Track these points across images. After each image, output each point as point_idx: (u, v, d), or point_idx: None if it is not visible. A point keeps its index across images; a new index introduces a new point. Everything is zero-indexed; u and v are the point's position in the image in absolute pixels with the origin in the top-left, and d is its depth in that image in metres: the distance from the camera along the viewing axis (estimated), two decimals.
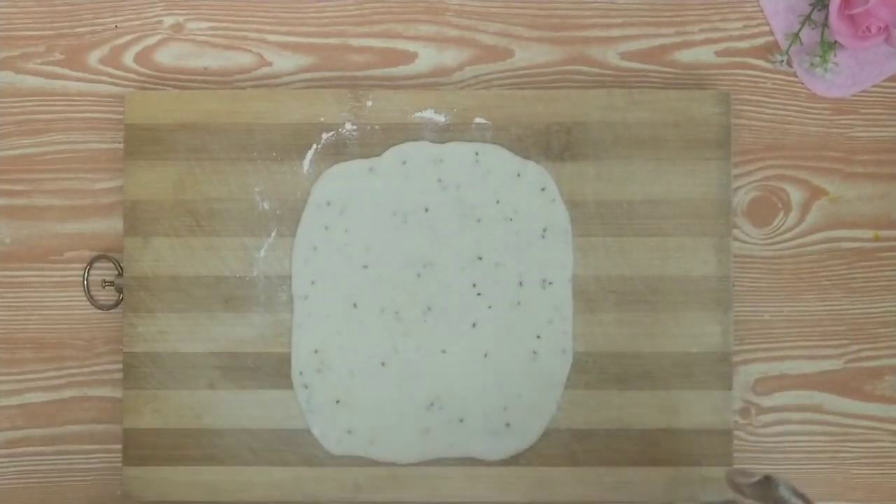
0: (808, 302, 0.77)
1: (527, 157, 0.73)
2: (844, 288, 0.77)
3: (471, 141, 0.74)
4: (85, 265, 0.76)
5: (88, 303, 0.76)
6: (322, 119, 0.74)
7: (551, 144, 0.74)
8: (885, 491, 0.76)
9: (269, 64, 0.77)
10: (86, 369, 0.76)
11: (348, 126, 0.74)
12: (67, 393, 0.76)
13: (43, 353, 0.76)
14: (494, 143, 0.73)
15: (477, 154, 0.74)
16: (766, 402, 0.76)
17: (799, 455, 0.76)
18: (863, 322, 0.77)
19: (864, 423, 0.77)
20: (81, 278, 0.76)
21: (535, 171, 0.73)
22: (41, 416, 0.76)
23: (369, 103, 0.74)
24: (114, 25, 0.77)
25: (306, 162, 0.74)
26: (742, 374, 0.76)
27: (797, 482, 0.75)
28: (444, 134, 0.74)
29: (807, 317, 0.77)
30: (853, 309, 0.77)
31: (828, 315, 0.77)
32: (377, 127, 0.74)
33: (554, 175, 0.73)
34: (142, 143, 0.73)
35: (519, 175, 0.73)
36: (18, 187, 0.77)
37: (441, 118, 0.74)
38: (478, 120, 0.74)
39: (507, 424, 0.73)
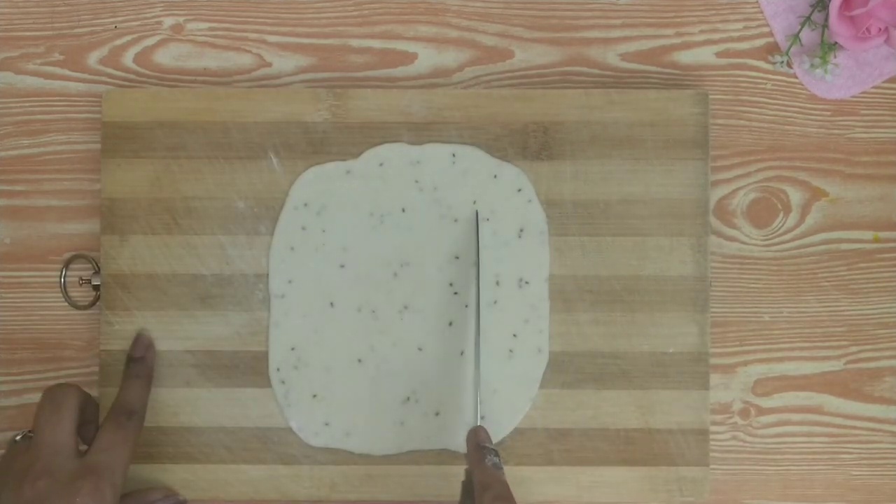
0: (808, 303, 0.77)
1: (504, 157, 0.73)
2: (844, 289, 0.77)
3: (448, 141, 0.74)
4: (61, 266, 0.75)
5: (77, 302, 0.76)
6: (299, 118, 0.74)
7: (528, 144, 0.74)
8: (885, 492, 0.76)
9: (269, 65, 0.77)
10: (85, 370, 0.76)
11: (326, 125, 0.74)
12: None
13: (42, 353, 0.76)
14: (472, 143, 0.73)
15: (454, 156, 0.74)
16: (765, 403, 0.76)
17: (799, 456, 0.76)
18: (863, 323, 0.77)
19: (865, 424, 0.76)
20: (67, 278, 0.75)
21: (511, 173, 0.73)
22: None
23: (347, 102, 0.74)
24: (113, 26, 0.77)
25: (283, 161, 0.74)
26: (742, 374, 0.76)
27: (797, 483, 0.76)
28: (421, 133, 0.74)
29: (807, 318, 0.77)
30: (853, 310, 0.77)
31: (828, 316, 0.77)
32: (355, 126, 0.74)
33: (531, 175, 0.73)
34: (119, 141, 0.73)
35: (496, 176, 0.73)
36: (18, 188, 0.77)
37: (419, 117, 0.73)
38: (455, 119, 0.74)
39: (482, 417, 0.73)
